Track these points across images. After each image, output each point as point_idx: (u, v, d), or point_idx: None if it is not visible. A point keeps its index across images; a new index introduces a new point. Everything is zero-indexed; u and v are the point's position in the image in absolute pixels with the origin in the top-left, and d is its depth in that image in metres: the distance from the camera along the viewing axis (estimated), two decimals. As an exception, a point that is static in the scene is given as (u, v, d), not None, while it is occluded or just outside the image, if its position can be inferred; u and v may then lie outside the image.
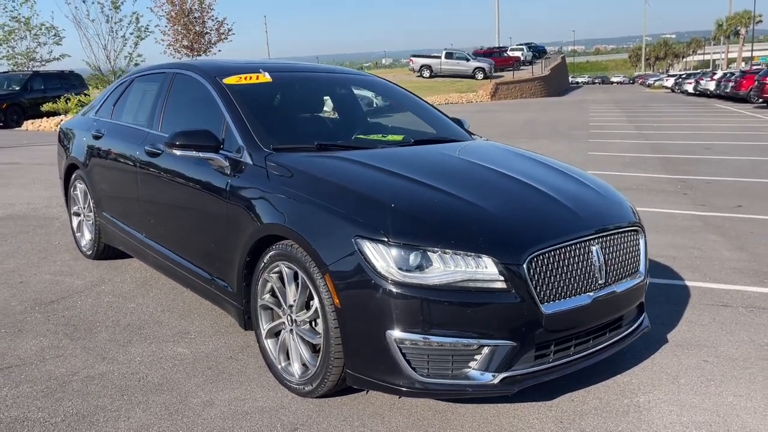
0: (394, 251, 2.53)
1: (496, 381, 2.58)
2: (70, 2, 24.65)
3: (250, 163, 3.20)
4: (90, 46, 24.95)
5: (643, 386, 3.11)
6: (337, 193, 2.86)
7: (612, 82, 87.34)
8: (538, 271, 2.60)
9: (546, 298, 2.62)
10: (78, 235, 5.28)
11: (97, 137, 4.69)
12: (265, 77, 3.86)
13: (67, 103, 21.26)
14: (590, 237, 2.80)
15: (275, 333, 3.08)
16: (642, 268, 3.08)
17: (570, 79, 73.39)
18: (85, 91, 22.77)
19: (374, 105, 5.33)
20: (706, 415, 2.85)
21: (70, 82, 23.82)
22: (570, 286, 2.69)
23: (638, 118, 21.54)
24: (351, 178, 3.01)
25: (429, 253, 2.53)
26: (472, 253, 2.54)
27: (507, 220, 2.76)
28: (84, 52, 25.02)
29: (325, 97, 4.42)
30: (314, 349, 2.88)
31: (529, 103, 32.97)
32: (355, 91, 4.64)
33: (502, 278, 2.53)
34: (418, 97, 4.61)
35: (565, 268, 2.68)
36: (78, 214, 5.24)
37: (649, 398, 3.00)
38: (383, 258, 2.53)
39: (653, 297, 4.30)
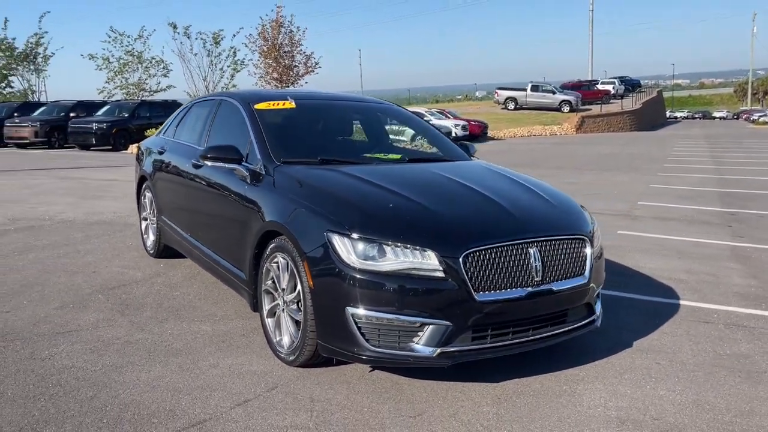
0: (355, 243, 3.12)
1: (434, 355, 3.10)
2: (176, 38, 26.96)
3: (263, 173, 3.90)
4: (192, 77, 27.15)
5: (588, 378, 3.51)
6: (320, 196, 3.50)
7: (714, 117, 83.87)
8: (473, 265, 3.11)
9: (480, 287, 3.12)
10: (145, 236, 6.19)
11: (160, 153, 5.58)
12: (291, 104, 4.58)
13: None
14: (529, 240, 3.28)
15: (273, 312, 3.71)
16: (587, 272, 3.50)
17: (668, 114, 71.17)
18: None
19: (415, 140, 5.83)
20: (631, 402, 3.22)
21: (172, 110, 25.93)
22: (505, 279, 3.18)
23: (723, 154, 20.95)
24: (334, 185, 3.65)
25: (383, 245, 3.11)
26: (419, 247, 3.10)
27: (453, 222, 3.30)
28: (186, 83, 27.21)
29: (354, 122, 5.09)
30: (298, 324, 3.49)
31: (613, 137, 32.50)
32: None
33: (441, 269, 3.07)
34: (430, 124, 5.19)
35: (500, 264, 3.17)
36: (145, 219, 6.14)
37: (587, 387, 3.40)
38: (346, 248, 3.12)
39: (639, 310, 4.64)
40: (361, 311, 3.09)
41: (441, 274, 3.07)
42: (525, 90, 43.07)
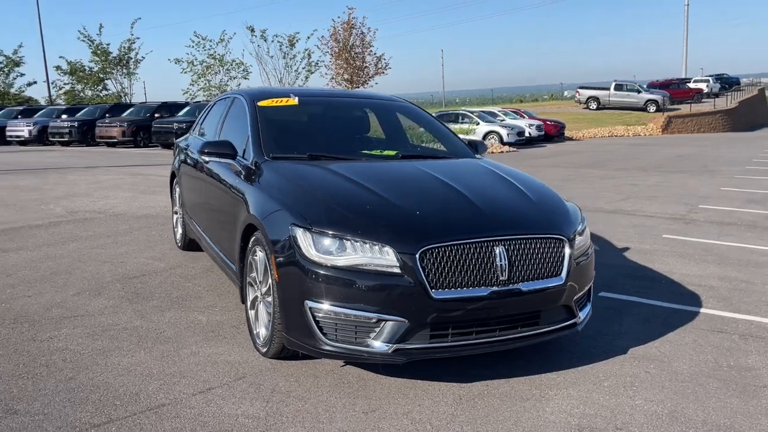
0: (315, 237, 3.13)
1: (389, 351, 3.06)
2: (254, 41, 27.85)
3: (253, 168, 3.98)
4: (268, 79, 27.93)
5: (564, 383, 3.37)
6: (293, 191, 3.54)
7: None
8: (431, 262, 3.05)
9: (438, 285, 3.05)
10: (175, 230, 6.44)
11: (185, 149, 5.80)
12: (293, 101, 4.65)
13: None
14: (495, 239, 3.18)
15: (254, 304, 3.78)
16: (564, 273, 3.36)
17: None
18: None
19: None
20: (599, 410, 3.07)
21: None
22: (466, 278, 3.10)
23: (817, 156, 19.45)
24: (309, 180, 3.67)
25: (343, 240, 3.11)
26: (377, 243, 3.07)
27: (415, 219, 3.25)
28: (263, 84, 28.04)
29: (359, 119, 5.10)
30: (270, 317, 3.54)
31: (701, 138, 30.80)
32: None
33: (398, 265, 3.03)
34: (440, 122, 5.11)
35: (461, 262, 3.10)
36: (176, 213, 6.40)
37: (559, 392, 3.26)
38: (307, 242, 3.14)
39: (649, 317, 4.40)
40: (318, 305, 3.11)
41: (398, 271, 3.04)
42: (608, 89, 41.58)
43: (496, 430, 2.88)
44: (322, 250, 3.11)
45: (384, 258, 3.05)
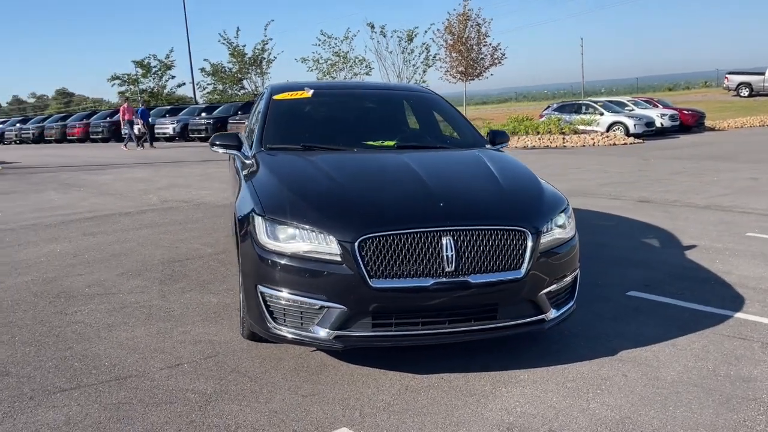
0: (268, 224, 3.24)
1: (330, 337, 3.10)
2: (374, 37, 28.39)
3: (249, 158, 4.16)
4: (387, 74, 28.38)
5: (525, 381, 3.22)
6: (264, 180, 3.66)
7: None
8: (370, 251, 3.04)
9: (377, 274, 3.03)
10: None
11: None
12: (307, 93, 4.77)
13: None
14: (442, 229, 3.10)
15: (241, 289, 3.96)
16: (524, 267, 3.19)
17: None
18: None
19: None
20: (543, 411, 2.91)
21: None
22: (408, 267, 3.05)
23: None
24: (283, 170, 3.77)
25: (290, 228, 3.18)
26: (323, 232, 3.11)
27: (361, 209, 3.24)
28: (382, 80, 28.54)
29: (373, 109, 5.12)
30: (247, 301, 3.69)
31: None
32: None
33: (339, 253, 3.06)
34: (460, 114, 4.99)
35: (403, 251, 3.05)
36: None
37: (511, 390, 3.12)
38: (261, 229, 3.26)
39: (670, 319, 4.07)
40: (268, 290, 3.20)
41: (338, 259, 3.06)
42: (763, 74, 37.73)
43: (422, 422, 2.83)
44: (273, 236, 3.20)
45: (327, 246, 3.09)
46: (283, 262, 3.15)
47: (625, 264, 5.44)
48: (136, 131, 23.58)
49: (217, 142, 4.43)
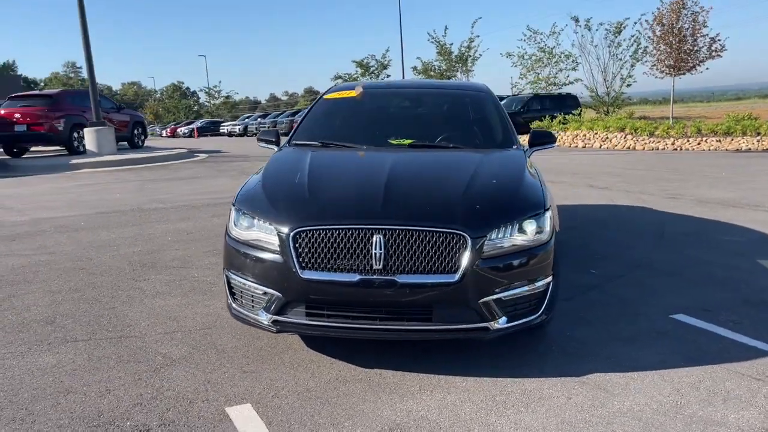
0: (236, 214, 3.55)
1: (269, 321, 3.31)
2: (577, 31, 27.16)
3: (276, 152, 4.50)
4: (591, 70, 26.99)
5: (455, 388, 3.13)
6: (256, 175, 3.96)
7: None
8: (303, 243, 3.19)
9: (307, 266, 3.18)
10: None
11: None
12: (353, 93, 4.98)
13: (551, 120, 23.76)
14: (374, 227, 3.14)
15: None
16: (459, 272, 3.10)
17: None
18: (573, 111, 24.75)
19: None
20: (445, 418, 2.84)
21: (565, 103, 26.55)
22: (337, 261, 3.15)
23: None
24: (274, 166, 4.01)
25: (249, 218, 3.45)
26: (269, 222, 3.34)
27: (305, 203, 3.37)
28: (585, 75, 27.25)
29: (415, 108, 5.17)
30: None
31: None
32: None
33: (278, 243, 3.27)
34: (501, 114, 4.80)
35: (333, 246, 3.16)
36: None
37: (434, 394, 3.07)
38: (231, 217, 3.58)
39: (694, 351, 3.62)
40: (231, 274, 3.51)
41: (277, 248, 3.26)
42: None
43: (320, 410, 2.92)
44: (238, 225, 3.50)
45: (269, 236, 3.31)
46: (241, 249, 3.43)
47: (702, 283, 4.81)
48: None
49: (260, 138, 4.84)
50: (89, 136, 16.31)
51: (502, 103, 26.33)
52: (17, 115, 16.58)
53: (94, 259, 5.81)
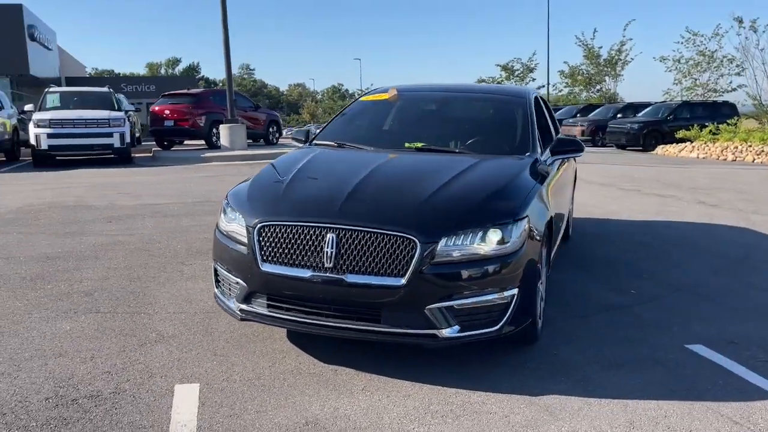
0: (224, 207, 3.76)
1: (236, 309, 3.50)
2: (740, 33, 24.84)
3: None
4: (754, 75, 24.60)
5: (390, 391, 3.12)
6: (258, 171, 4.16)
7: None
8: (265, 237, 3.33)
9: (267, 259, 3.32)
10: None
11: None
12: (386, 95, 5.04)
13: (701, 130, 21.86)
14: (328, 225, 3.21)
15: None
16: (407, 276, 3.08)
17: None
18: (728, 121, 22.56)
19: None
20: (362, 420, 2.86)
21: (720, 112, 24.28)
22: (293, 257, 3.26)
23: None
24: (276, 164, 4.18)
25: (232, 211, 3.66)
26: (242, 216, 3.53)
27: (276, 200, 3.50)
28: (748, 81, 24.93)
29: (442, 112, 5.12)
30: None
31: None
32: None
33: (245, 235, 3.45)
34: (530, 121, 4.59)
35: (291, 241, 3.27)
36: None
37: (364, 396, 3.08)
38: (221, 210, 3.82)
39: (681, 383, 3.33)
40: (216, 263, 3.74)
41: (245, 240, 3.44)
42: None
43: (262, 399, 3.05)
44: (224, 218, 3.72)
45: (241, 228, 3.49)
46: (223, 240, 3.64)
47: (748, 314, 4.33)
48: None
49: (294, 137, 5.06)
50: (223, 132, 17.65)
51: (648, 110, 24.93)
52: (166, 112, 18.40)
53: (162, 242, 6.37)
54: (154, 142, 20.69)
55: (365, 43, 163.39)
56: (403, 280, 3.10)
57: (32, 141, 14.39)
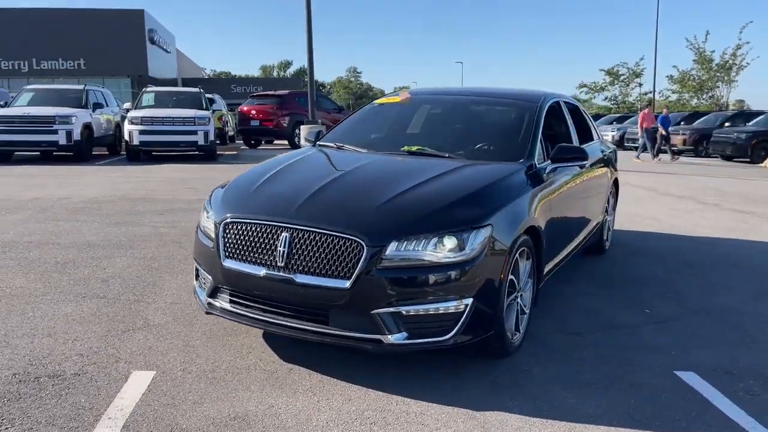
0: (205, 203, 3.88)
1: (204, 302, 3.60)
2: None
3: None
4: None
5: (331, 393, 3.10)
6: None
7: None
8: (229, 233, 3.40)
9: (229, 255, 3.39)
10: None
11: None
12: (398, 98, 5.01)
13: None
14: (281, 224, 3.23)
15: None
16: (352, 278, 3.05)
17: None
18: None
19: None
20: (292, 419, 2.86)
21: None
22: (250, 254, 3.31)
23: None
24: (270, 162, 4.22)
25: (209, 208, 3.76)
26: (212, 213, 3.62)
27: (243, 198, 3.56)
28: None
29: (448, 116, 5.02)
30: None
31: None
32: None
33: (213, 231, 3.54)
34: (536, 128, 4.37)
35: (249, 239, 3.32)
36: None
37: (300, 398, 3.08)
38: (203, 209, 3.93)
39: (656, 413, 3.12)
40: (195, 261, 3.85)
41: (213, 236, 3.53)
42: None
43: (203, 391, 3.12)
44: (203, 216, 3.83)
45: (210, 224, 3.59)
46: (199, 237, 3.75)
47: (760, 344, 3.95)
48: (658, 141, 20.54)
49: (306, 138, 5.14)
50: (303, 133, 18.09)
51: (759, 119, 23.09)
52: (253, 112, 19.13)
53: (197, 236, 6.64)
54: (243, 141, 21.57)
55: (467, 45, 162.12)
56: (348, 283, 3.07)
57: (126, 137, 15.39)
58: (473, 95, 5.12)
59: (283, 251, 3.19)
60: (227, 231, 3.41)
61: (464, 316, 3.15)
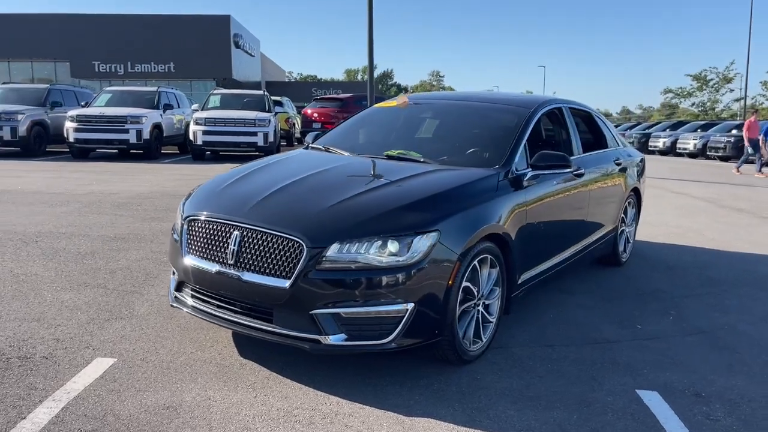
0: (180, 203, 4.02)
1: (173, 297, 3.75)
2: None
3: None
4: None
5: (275, 392, 3.16)
6: None
7: None
8: (191, 230, 3.54)
9: (189, 250, 3.52)
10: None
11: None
12: (395, 102, 5.01)
13: None
14: (234, 223, 3.33)
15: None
16: (292, 278, 3.10)
17: None
18: None
19: None
20: (220, 413, 2.95)
21: None
22: (206, 251, 3.43)
23: None
24: (253, 163, 4.33)
25: (182, 207, 3.91)
26: (182, 211, 3.76)
27: (209, 197, 3.68)
28: None
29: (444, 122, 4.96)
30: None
31: None
32: None
33: (180, 228, 3.68)
34: (521, 134, 4.26)
35: (206, 236, 3.44)
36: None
37: (252, 393, 3.16)
38: (179, 208, 4.07)
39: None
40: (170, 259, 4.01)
41: (179, 232, 3.68)
42: None
43: (156, 383, 3.27)
44: (177, 215, 3.98)
45: (180, 222, 3.74)
46: (173, 234, 3.90)
47: (748, 367, 3.70)
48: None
49: (305, 139, 5.23)
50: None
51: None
52: (315, 115, 19.54)
53: (218, 233, 6.87)
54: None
55: (550, 48, 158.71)
56: (288, 283, 3.13)
57: (191, 137, 16.08)
58: (470, 100, 5.05)
59: (234, 249, 3.29)
60: (190, 228, 3.55)
61: (405, 319, 3.14)
